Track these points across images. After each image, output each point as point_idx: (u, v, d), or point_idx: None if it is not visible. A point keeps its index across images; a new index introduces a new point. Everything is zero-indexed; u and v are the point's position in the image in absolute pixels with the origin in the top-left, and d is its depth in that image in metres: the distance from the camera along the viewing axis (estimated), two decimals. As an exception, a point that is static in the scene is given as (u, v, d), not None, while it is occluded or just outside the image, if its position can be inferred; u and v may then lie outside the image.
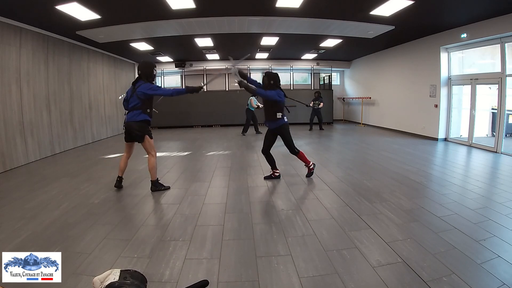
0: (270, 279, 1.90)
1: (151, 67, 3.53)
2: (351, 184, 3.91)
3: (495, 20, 5.65)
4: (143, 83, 3.44)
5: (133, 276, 1.56)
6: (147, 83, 3.46)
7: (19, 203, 3.36)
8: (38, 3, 4.49)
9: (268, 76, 3.87)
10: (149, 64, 3.57)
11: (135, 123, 3.44)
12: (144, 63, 3.56)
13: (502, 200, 3.24)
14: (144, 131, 3.50)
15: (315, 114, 9.96)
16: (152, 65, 3.57)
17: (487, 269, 1.94)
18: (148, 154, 3.62)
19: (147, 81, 3.47)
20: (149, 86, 3.44)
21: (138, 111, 3.44)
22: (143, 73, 3.48)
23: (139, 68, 3.51)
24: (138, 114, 3.44)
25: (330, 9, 5.43)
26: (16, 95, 5.26)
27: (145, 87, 3.41)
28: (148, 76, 3.49)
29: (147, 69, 3.50)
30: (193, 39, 7.66)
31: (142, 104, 3.44)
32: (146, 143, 3.54)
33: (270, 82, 3.84)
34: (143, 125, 3.48)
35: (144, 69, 3.49)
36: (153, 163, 3.61)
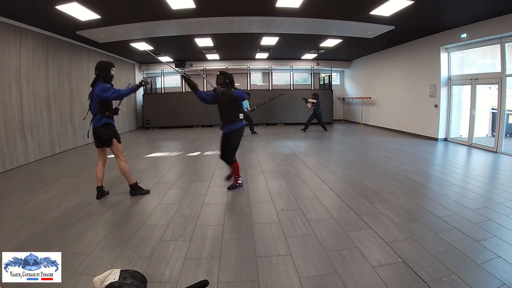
0: (270, 279, 1.90)
1: (108, 66, 3.35)
2: (351, 184, 3.91)
3: (495, 20, 5.65)
4: (99, 84, 3.25)
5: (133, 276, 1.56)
6: (102, 83, 3.26)
7: (19, 203, 3.36)
8: (38, 3, 4.49)
9: (224, 75, 3.68)
10: (106, 63, 3.39)
11: (100, 128, 3.32)
12: (101, 63, 3.38)
13: (502, 200, 3.24)
14: (111, 135, 3.36)
15: (314, 116, 9.53)
16: (110, 64, 3.39)
17: (487, 269, 1.94)
18: (117, 159, 3.46)
19: (104, 82, 3.29)
20: (102, 87, 3.22)
21: (98, 116, 3.30)
22: (100, 73, 3.30)
23: (96, 68, 3.32)
24: (99, 119, 3.31)
25: (330, 9, 5.43)
26: (16, 95, 5.26)
27: (99, 89, 3.21)
28: (105, 76, 3.30)
29: (104, 69, 3.32)
30: (193, 39, 7.66)
31: (100, 107, 3.28)
32: (114, 147, 3.39)
33: (226, 81, 3.63)
34: (108, 129, 3.35)
35: (101, 69, 3.31)
36: (124, 168, 3.46)
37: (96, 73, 3.31)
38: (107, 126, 3.34)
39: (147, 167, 5.12)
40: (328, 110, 11.95)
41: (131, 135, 10.05)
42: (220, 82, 3.65)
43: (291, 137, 8.51)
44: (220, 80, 3.66)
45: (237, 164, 3.78)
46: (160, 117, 11.43)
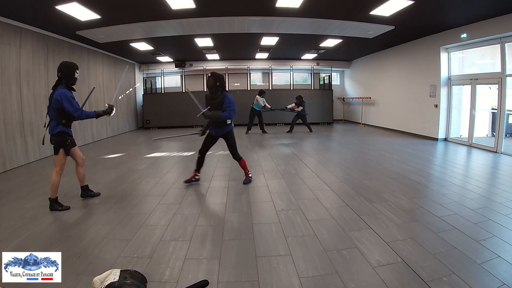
0: (270, 279, 1.90)
1: (72, 68, 3.13)
2: (351, 184, 3.91)
3: (495, 20, 5.65)
4: (60, 89, 3.02)
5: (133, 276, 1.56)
6: (64, 89, 3.03)
7: (19, 203, 3.36)
8: (38, 3, 4.49)
9: (214, 77, 3.65)
10: (70, 65, 3.15)
11: (52, 136, 3.10)
12: (64, 63, 3.14)
13: (502, 200, 3.25)
14: (60, 144, 3.12)
15: (298, 117, 9.42)
16: (75, 66, 3.17)
17: (487, 269, 1.94)
18: (54, 168, 3.18)
19: (66, 85, 3.08)
20: (65, 94, 2.99)
21: (54, 122, 3.07)
22: (63, 75, 3.06)
23: (59, 70, 3.09)
24: (54, 126, 3.08)
25: (330, 9, 5.43)
26: (16, 95, 5.26)
27: (60, 95, 2.98)
28: (68, 78, 3.08)
29: (68, 71, 3.09)
30: (193, 39, 7.66)
31: (57, 114, 3.05)
32: (57, 157, 3.14)
33: (216, 83, 3.63)
34: (59, 137, 3.10)
35: (64, 70, 3.08)
36: (54, 180, 3.15)
37: (59, 75, 3.07)
38: (60, 135, 3.10)
39: (147, 167, 5.12)
40: (328, 110, 11.96)
41: (131, 135, 10.05)
42: (210, 84, 3.65)
43: (291, 137, 8.51)
44: (211, 82, 3.64)
45: (243, 161, 4.03)
46: (160, 117, 11.42)
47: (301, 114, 9.35)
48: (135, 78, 11.47)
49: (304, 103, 9.31)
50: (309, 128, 9.61)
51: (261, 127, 9.40)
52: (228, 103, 3.60)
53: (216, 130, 3.79)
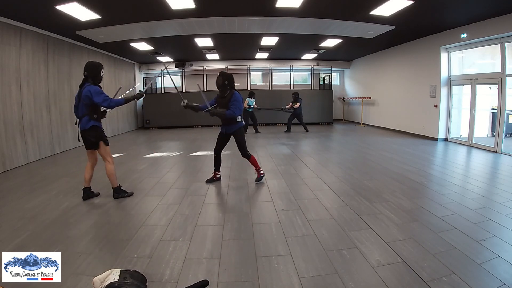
0: (270, 279, 1.90)
1: (98, 67, 3.30)
2: (351, 184, 3.91)
3: (495, 20, 5.65)
4: (88, 85, 3.20)
5: (133, 276, 1.56)
6: (93, 85, 3.20)
7: (19, 203, 3.36)
8: (38, 3, 4.49)
9: (224, 76, 3.72)
10: (96, 64, 3.33)
11: (87, 131, 3.28)
12: (91, 63, 3.31)
13: (502, 200, 3.24)
14: (98, 137, 3.32)
15: (293, 116, 9.45)
16: (100, 66, 3.35)
17: (487, 269, 1.94)
18: (104, 161, 3.44)
19: (93, 83, 3.25)
20: (93, 89, 3.16)
21: (86, 118, 3.25)
22: (89, 74, 3.25)
23: (85, 69, 3.26)
24: (87, 121, 3.25)
25: (330, 9, 5.43)
26: (16, 95, 5.26)
27: (88, 91, 3.15)
28: (94, 77, 3.26)
29: (94, 70, 3.26)
30: (193, 39, 7.66)
31: (88, 110, 3.23)
32: (102, 150, 3.37)
33: (225, 82, 3.70)
34: (95, 132, 3.30)
35: (91, 69, 3.26)
36: (110, 170, 3.43)
37: (85, 74, 3.25)
38: (95, 129, 3.29)
39: (147, 167, 5.12)
40: (328, 110, 11.96)
41: (131, 135, 10.05)
42: (220, 83, 3.72)
43: (291, 137, 8.51)
44: (220, 81, 3.72)
45: (253, 158, 4.02)
46: (160, 117, 11.42)
47: (296, 113, 9.33)
48: (135, 78, 11.46)
49: (300, 100, 9.30)
50: (305, 128, 9.60)
51: (255, 127, 9.52)
52: (234, 101, 3.66)
53: (226, 128, 3.85)
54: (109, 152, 3.45)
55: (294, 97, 9.43)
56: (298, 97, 9.36)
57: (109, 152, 3.44)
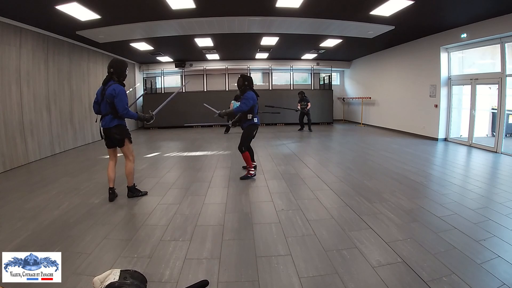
0: (270, 279, 1.90)
1: (124, 65, 3.29)
2: (351, 184, 3.91)
3: (495, 20, 5.65)
4: (113, 84, 3.16)
5: (133, 276, 1.56)
6: (117, 84, 3.17)
7: (19, 203, 3.36)
8: (38, 3, 4.49)
9: (244, 78, 4.15)
10: (123, 62, 3.32)
11: (112, 129, 3.25)
12: (117, 60, 3.28)
13: (502, 200, 3.25)
14: (123, 135, 3.31)
15: (303, 114, 9.60)
16: (126, 63, 3.34)
17: (487, 269, 1.94)
18: (126, 159, 3.43)
19: (118, 80, 3.21)
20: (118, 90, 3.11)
21: (109, 116, 3.21)
22: (115, 71, 3.19)
23: (112, 66, 3.21)
24: (110, 120, 3.22)
25: (330, 9, 5.43)
26: (16, 95, 5.26)
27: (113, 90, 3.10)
28: (120, 75, 3.22)
29: (120, 67, 3.23)
30: (193, 39, 7.66)
31: (112, 108, 3.17)
32: (125, 148, 3.36)
33: (245, 83, 4.11)
34: (120, 129, 3.28)
35: (118, 66, 3.22)
36: (130, 169, 3.42)
37: (111, 71, 3.19)
38: (119, 127, 3.27)
39: (147, 167, 5.12)
40: (328, 110, 11.96)
41: (131, 135, 10.04)
42: (240, 84, 4.14)
43: (291, 137, 8.52)
44: (240, 82, 4.14)
45: (247, 154, 4.19)
46: (160, 117, 11.38)
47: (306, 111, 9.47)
48: (135, 78, 11.47)
49: (306, 98, 9.44)
50: (310, 128, 9.64)
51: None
52: (243, 98, 4.06)
53: (243, 125, 4.26)
54: (132, 151, 3.45)
55: (300, 96, 9.51)
56: (305, 96, 9.46)
57: (132, 150, 3.44)
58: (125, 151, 3.40)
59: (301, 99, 9.51)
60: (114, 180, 3.46)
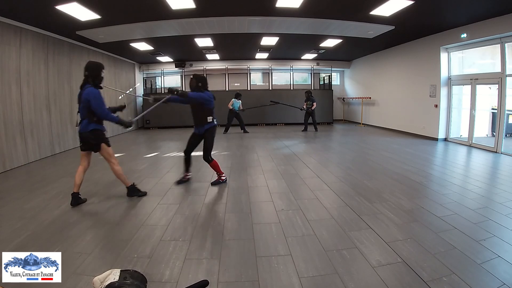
0: (270, 279, 1.90)
1: (99, 67, 3.23)
2: (351, 184, 3.91)
3: (495, 20, 5.65)
4: (88, 87, 3.11)
5: (133, 276, 1.56)
6: (93, 88, 3.11)
7: (19, 203, 3.36)
8: (38, 3, 4.49)
9: (196, 78, 3.82)
10: (97, 64, 3.26)
11: (88, 133, 3.19)
12: (92, 63, 3.25)
13: (502, 200, 3.24)
14: (99, 140, 3.24)
15: (309, 115, 9.60)
16: (101, 66, 3.27)
17: (487, 269, 1.94)
18: (109, 163, 3.37)
19: (93, 83, 3.15)
20: (93, 94, 3.07)
21: (85, 120, 3.16)
22: (90, 74, 3.15)
23: (86, 69, 3.17)
24: (86, 124, 3.16)
25: (330, 9, 5.43)
26: (16, 95, 5.26)
27: (88, 94, 3.07)
28: (95, 77, 3.16)
29: (95, 70, 3.18)
30: (193, 39, 7.66)
31: (88, 112, 3.13)
32: (104, 152, 3.29)
33: (198, 84, 3.78)
34: (96, 134, 3.22)
35: (91, 69, 3.17)
36: (117, 171, 3.37)
37: (86, 74, 3.16)
38: (95, 132, 3.21)
39: (147, 167, 5.12)
40: (328, 110, 11.95)
41: (131, 135, 10.05)
42: (193, 85, 3.79)
43: (291, 137, 8.51)
44: (193, 83, 3.80)
45: (215, 163, 3.93)
46: (160, 117, 11.41)
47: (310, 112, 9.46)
48: (135, 78, 11.46)
49: (313, 98, 9.42)
50: (315, 128, 9.64)
51: (242, 127, 9.53)
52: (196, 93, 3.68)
53: (199, 128, 3.87)
54: (112, 154, 3.38)
55: (307, 96, 9.50)
56: (311, 96, 9.45)
57: (112, 153, 3.37)
58: (105, 155, 3.33)
59: (307, 98, 9.50)
60: (80, 186, 3.31)
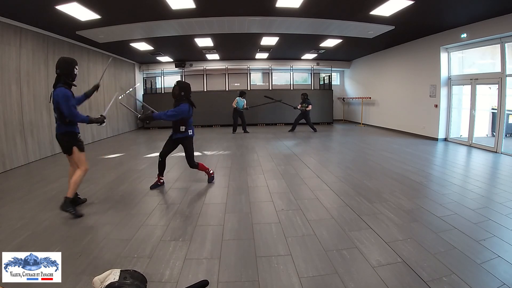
0: (270, 279, 1.90)
1: (71, 64, 2.95)
2: (351, 184, 3.91)
3: (495, 20, 5.65)
4: (59, 87, 2.88)
5: (133, 276, 1.56)
6: (63, 88, 2.87)
7: (19, 203, 3.36)
8: (38, 3, 4.49)
9: (180, 86, 3.68)
10: (69, 61, 2.97)
11: (60, 135, 3.03)
12: (62, 60, 2.96)
13: (502, 200, 3.25)
14: (71, 143, 3.04)
15: (302, 116, 9.42)
16: (73, 62, 2.99)
17: (487, 269, 1.94)
18: (77, 168, 3.12)
19: (65, 83, 2.92)
20: (63, 94, 2.83)
21: (58, 122, 2.99)
22: (62, 72, 2.90)
23: (58, 66, 2.91)
24: (59, 126, 2.99)
25: (330, 9, 5.43)
26: (16, 95, 5.26)
27: (61, 97, 2.84)
28: (67, 75, 2.92)
29: (67, 67, 2.92)
30: (193, 39, 7.66)
31: (58, 114, 2.92)
32: (75, 156, 3.07)
33: (181, 93, 3.65)
34: (68, 136, 3.03)
35: (63, 66, 2.91)
36: (78, 177, 3.06)
37: (57, 72, 2.91)
38: (67, 134, 3.02)
39: (147, 167, 5.12)
40: (328, 110, 11.96)
41: (131, 135, 10.05)
42: (176, 93, 3.67)
43: (291, 137, 8.51)
44: (176, 91, 3.67)
45: (201, 165, 4.00)
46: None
47: (305, 113, 9.35)
48: (135, 78, 11.46)
49: (308, 101, 9.34)
50: (313, 128, 9.58)
51: (243, 127, 9.51)
52: (175, 109, 3.61)
53: (174, 134, 3.84)
54: (83, 159, 3.11)
55: (303, 98, 9.42)
56: (307, 98, 9.38)
57: (83, 159, 3.11)
58: (75, 159, 3.08)
59: (303, 101, 9.38)
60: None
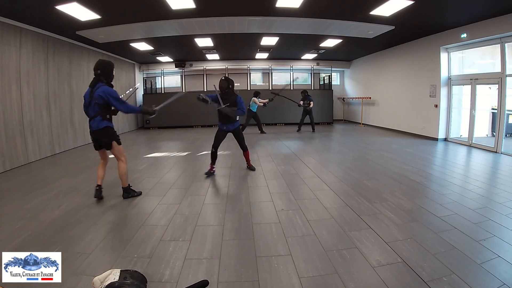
0: (270, 279, 1.90)
1: (111, 66, 3.28)
2: (351, 184, 3.91)
3: (495, 20, 5.65)
4: (102, 85, 3.16)
5: (133, 276, 1.56)
6: (106, 86, 3.17)
7: (19, 203, 3.36)
8: (38, 3, 4.49)
9: (228, 81, 4.29)
10: (109, 63, 3.31)
11: (100, 131, 3.24)
12: (103, 62, 3.27)
13: (502, 200, 3.25)
14: (111, 138, 3.29)
15: (306, 114, 9.42)
16: (113, 64, 3.33)
17: (487, 269, 1.94)
18: (118, 160, 3.42)
19: (106, 82, 3.22)
20: (110, 92, 3.15)
21: (98, 117, 3.20)
22: (103, 73, 3.20)
23: (98, 67, 3.20)
24: (99, 121, 3.20)
25: (330, 9, 5.43)
26: (16, 95, 5.26)
27: (106, 92, 3.12)
28: (107, 76, 3.23)
29: (107, 69, 3.24)
30: (193, 39, 7.66)
31: (101, 109, 3.17)
32: (115, 150, 3.35)
33: (229, 86, 4.26)
34: (108, 132, 3.27)
35: (104, 68, 3.22)
36: (123, 170, 3.41)
37: (98, 73, 3.19)
38: (107, 129, 3.27)
39: (147, 167, 5.12)
40: (328, 110, 11.96)
41: (131, 135, 10.05)
42: (224, 86, 4.27)
43: (291, 137, 8.51)
44: (224, 84, 4.27)
45: (248, 152, 4.72)
46: (160, 117, 11.40)
47: (308, 111, 9.33)
48: (135, 78, 11.46)
49: (310, 97, 9.29)
50: (313, 128, 9.57)
51: (259, 127, 9.45)
52: (241, 103, 4.29)
53: (228, 126, 4.37)
54: (123, 151, 3.43)
55: (303, 95, 9.39)
56: (308, 95, 9.35)
57: (122, 151, 3.42)
58: (115, 153, 3.38)
59: (304, 98, 9.38)
60: (103, 178, 3.47)
